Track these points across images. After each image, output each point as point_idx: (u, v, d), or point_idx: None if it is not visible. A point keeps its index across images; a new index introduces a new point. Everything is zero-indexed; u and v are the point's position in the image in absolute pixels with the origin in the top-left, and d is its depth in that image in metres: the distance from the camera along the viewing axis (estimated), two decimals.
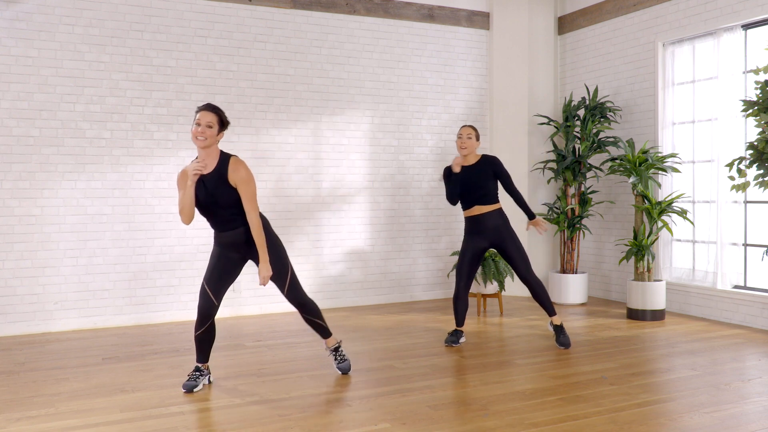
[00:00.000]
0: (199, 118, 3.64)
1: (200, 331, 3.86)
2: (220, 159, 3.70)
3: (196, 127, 3.63)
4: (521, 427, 3.19)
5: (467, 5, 7.18)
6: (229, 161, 3.69)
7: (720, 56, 5.75)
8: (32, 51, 5.50)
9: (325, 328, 4.10)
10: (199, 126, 3.62)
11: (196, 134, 3.62)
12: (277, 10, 6.33)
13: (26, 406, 3.60)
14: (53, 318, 5.58)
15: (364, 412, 3.43)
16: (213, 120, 3.64)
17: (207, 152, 3.68)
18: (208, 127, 3.62)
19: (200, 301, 3.82)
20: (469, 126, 4.79)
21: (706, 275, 5.94)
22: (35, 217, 5.52)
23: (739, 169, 4.75)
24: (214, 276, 3.82)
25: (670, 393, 3.72)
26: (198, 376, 3.89)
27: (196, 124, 3.63)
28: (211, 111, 3.65)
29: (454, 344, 4.86)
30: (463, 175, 4.78)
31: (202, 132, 3.61)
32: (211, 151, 3.68)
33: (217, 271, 3.82)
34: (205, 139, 3.62)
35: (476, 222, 4.79)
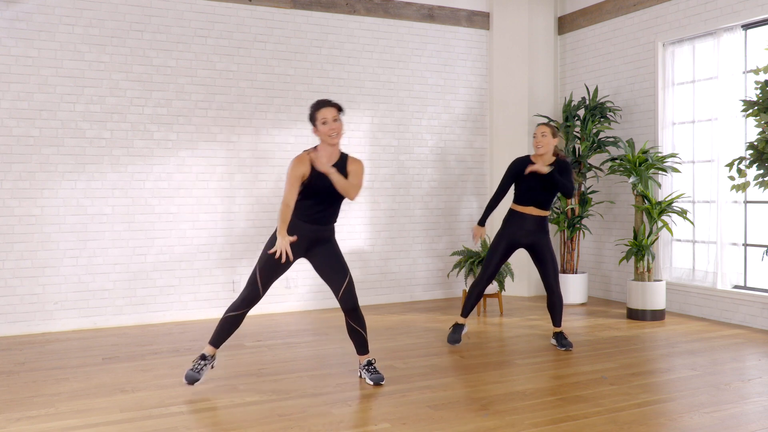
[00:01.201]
0: (324, 116, 3.66)
1: (233, 313, 3.81)
2: (340, 154, 3.81)
3: (324, 126, 3.65)
4: (521, 427, 3.19)
5: (467, 5, 7.18)
6: (347, 157, 3.82)
7: (720, 56, 5.75)
8: (32, 51, 5.50)
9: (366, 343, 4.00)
10: (326, 124, 3.66)
11: (327, 132, 3.66)
12: (277, 10, 6.33)
13: (26, 406, 3.60)
14: (53, 318, 5.58)
15: (364, 412, 3.43)
16: (336, 113, 3.70)
17: (333, 149, 3.76)
18: (335, 121, 3.67)
19: (247, 287, 3.80)
20: (545, 124, 4.71)
21: (706, 275, 5.94)
22: (35, 217, 5.52)
23: (739, 169, 4.75)
24: (270, 266, 3.78)
25: (670, 393, 3.72)
26: (203, 366, 3.87)
27: (322, 123, 3.66)
28: (331, 106, 3.69)
29: (457, 343, 4.84)
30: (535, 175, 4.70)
31: (333, 128, 3.67)
32: (336, 148, 3.77)
33: (275, 262, 3.78)
34: (338, 134, 3.68)
35: (524, 220, 4.75)
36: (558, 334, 4.82)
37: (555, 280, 4.76)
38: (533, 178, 4.70)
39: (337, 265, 3.85)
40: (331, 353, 4.71)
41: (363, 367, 3.99)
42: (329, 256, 3.85)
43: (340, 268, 3.85)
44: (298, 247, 3.83)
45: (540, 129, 4.70)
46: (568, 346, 4.73)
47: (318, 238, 3.84)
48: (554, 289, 4.77)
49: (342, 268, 3.85)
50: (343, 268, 3.86)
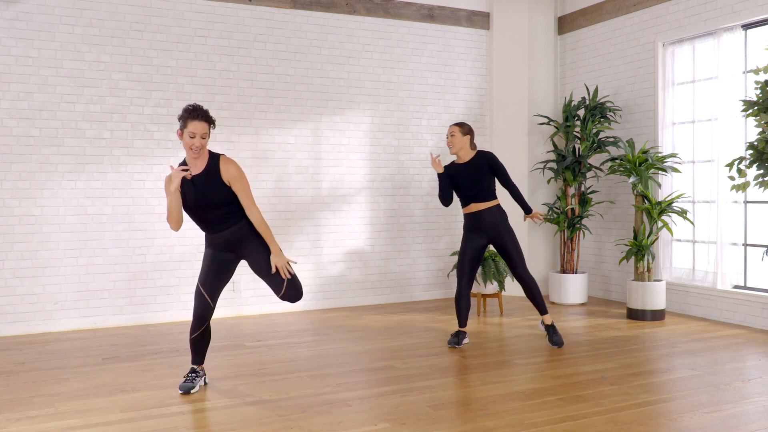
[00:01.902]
0: (192, 130, 3.52)
1: (196, 334, 3.82)
2: (209, 159, 3.65)
3: (189, 140, 3.52)
4: (521, 427, 3.20)
5: (467, 5, 7.18)
6: (219, 159, 3.64)
7: (720, 56, 5.75)
8: (32, 51, 5.50)
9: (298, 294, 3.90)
10: (193, 138, 3.53)
11: (190, 147, 3.53)
12: (277, 10, 6.33)
13: (26, 406, 3.60)
14: (53, 318, 5.58)
15: (364, 412, 3.43)
16: (206, 130, 3.57)
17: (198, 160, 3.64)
18: (203, 138, 3.56)
19: (196, 303, 3.78)
20: (454, 124, 4.79)
21: (706, 275, 5.94)
22: (35, 217, 5.52)
23: (739, 169, 4.75)
24: (208, 278, 3.77)
25: (670, 393, 3.72)
26: (194, 377, 3.85)
27: (189, 136, 3.52)
28: (204, 120, 3.56)
29: (456, 346, 4.85)
30: (458, 172, 4.79)
31: (198, 146, 3.54)
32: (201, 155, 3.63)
33: (211, 273, 3.78)
34: (200, 150, 3.56)
35: (474, 219, 4.79)
36: (548, 327, 4.82)
37: (522, 267, 4.76)
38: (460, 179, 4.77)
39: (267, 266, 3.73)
40: (331, 353, 4.71)
41: None
42: (259, 258, 3.74)
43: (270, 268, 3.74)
44: (223, 254, 3.79)
45: (450, 129, 4.79)
46: (558, 344, 4.74)
47: (229, 242, 3.75)
48: (523, 276, 4.76)
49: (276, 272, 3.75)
50: None
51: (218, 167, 3.63)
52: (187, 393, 3.79)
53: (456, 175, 4.81)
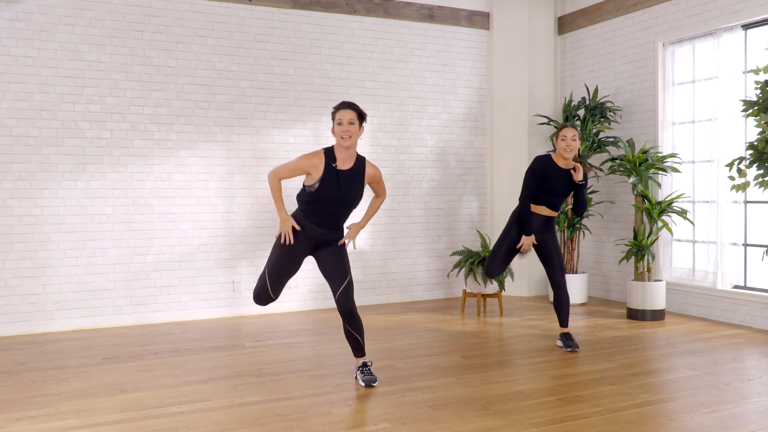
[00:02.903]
0: (340, 117, 3.64)
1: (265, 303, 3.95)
2: (357, 158, 3.78)
3: (339, 127, 3.63)
4: (521, 427, 3.19)
5: (467, 5, 7.18)
6: (365, 161, 3.81)
7: (720, 56, 5.75)
8: (32, 51, 5.50)
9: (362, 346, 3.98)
10: (341, 125, 3.63)
11: (341, 134, 3.63)
12: (277, 10, 6.33)
13: (26, 406, 3.60)
14: (53, 318, 5.58)
15: (364, 412, 3.43)
16: (354, 117, 3.66)
17: (349, 152, 3.71)
18: (351, 124, 3.64)
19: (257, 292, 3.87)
20: (574, 127, 4.59)
21: (706, 275, 5.94)
22: (35, 217, 5.52)
23: (739, 169, 4.75)
24: (278, 268, 3.81)
25: (670, 393, 3.72)
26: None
27: (337, 123, 3.64)
28: (351, 108, 3.66)
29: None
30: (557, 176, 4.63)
31: (347, 130, 3.63)
32: (352, 150, 3.72)
33: (284, 264, 3.81)
34: (351, 137, 3.64)
35: (533, 218, 4.75)
36: (564, 335, 4.79)
37: (561, 278, 4.75)
38: (558, 181, 4.64)
39: (340, 265, 3.84)
40: (331, 353, 4.71)
41: (358, 369, 4.00)
42: (333, 256, 3.86)
43: (342, 268, 3.84)
44: (305, 247, 3.84)
45: (570, 132, 4.56)
46: (573, 347, 4.69)
47: (326, 240, 3.86)
48: (561, 286, 4.75)
49: (344, 269, 3.85)
50: (345, 268, 3.86)
51: (365, 167, 3.79)
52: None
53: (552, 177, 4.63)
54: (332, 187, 3.69)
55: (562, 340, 4.77)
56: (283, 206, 3.78)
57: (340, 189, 3.71)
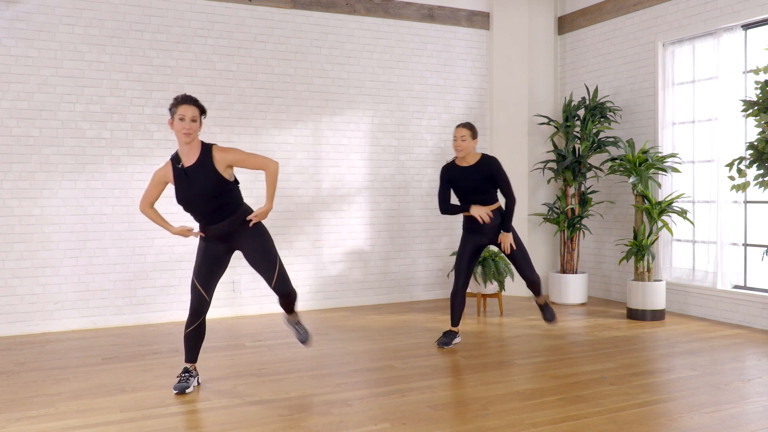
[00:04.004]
0: (182, 113, 3.52)
1: (191, 329, 3.79)
2: (201, 149, 3.62)
3: (180, 123, 3.52)
4: (521, 427, 3.19)
5: (467, 5, 7.18)
6: (212, 148, 3.63)
7: (720, 56, 5.75)
8: (32, 51, 5.50)
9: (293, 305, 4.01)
10: (183, 121, 3.52)
11: (181, 130, 3.52)
12: (277, 10, 6.33)
13: (26, 406, 3.60)
14: (53, 318, 5.58)
15: (364, 412, 3.43)
16: (196, 113, 3.57)
17: (190, 147, 3.61)
18: (193, 121, 3.55)
19: (192, 297, 3.78)
20: (463, 126, 4.63)
21: (706, 275, 5.94)
22: (35, 217, 5.52)
23: (739, 169, 4.75)
24: (202, 271, 3.76)
25: (670, 393, 3.72)
26: (188, 377, 3.83)
27: (179, 119, 3.52)
28: (192, 104, 3.56)
29: (446, 346, 4.84)
30: (461, 176, 4.70)
31: (189, 127, 3.53)
32: (194, 145, 3.62)
33: (205, 266, 3.77)
34: (191, 134, 3.55)
35: (475, 221, 4.75)
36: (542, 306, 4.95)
37: (529, 269, 4.75)
38: (467, 181, 4.67)
39: (264, 254, 3.75)
40: (331, 353, 4.71)
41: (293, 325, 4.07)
42: (252, 246, 3.76)
43: (266, 257, 3.75)
44: (217, 245, 3.79)
45: (459, 132, 4.61)
46: (550, 320, 4.88)
47: (228, 233, 3.74)
48: (529, 276, 4.77)
49: (269, 257, 3.75)
50: (270, 256, 3.76)
51: (211, 155, 3.61)
52: (182, 393, 3.77)
53: (458, 179, 4.72)
54: (185, 186, 3.61)
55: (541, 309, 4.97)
56: (167, 224, 3.74)
57: (192, 185, 3.60)
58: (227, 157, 3.61)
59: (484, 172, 4.65)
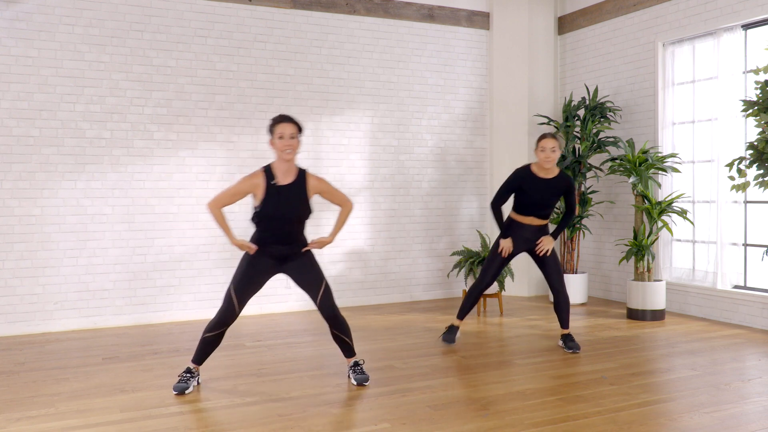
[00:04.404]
0: (281, 131, 3.64)
1: (211, 335, 3.79)
2: (298, 172, 3.77)
3: (280, 141, 3.64)
4: (521, 427, 3.20)
5: (467, 5, 7.18)
6: (306, 174, 3.78)
7: (720, 56, 5.75)
8: (32, 51, 5.50)
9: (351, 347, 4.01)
10: (283, 139, 3.64)
11: (282, 148, 3.64)
12: (277, 10, 6.33)
13: (26, 406, 3.60)
14: (53, 318, 5.58)
15: (364, 412, 3.43)
16: (295, 131, 3.68)
17: (289, 166, 3.72)
18: (292, 138, 3.66)
19: (223, 306, 3.77)
20: (552, 137, 4.51)
21: (706, 275, 5.94)
22: (35, 217, 5.52)
23: (739, 169, 4.75)
24: (243, 284, 3.76)
25: (670, 393, 3.72)
26: (188, 378, 3.83)
27: (278, 137, 3.64)
28: (290, 122, 3.67)
29: (450, 343, 4.84)
30: (537, 187, 4.60)
31: (289, 144, 3.64)
32: (291, 164, 3.74)
33: (248, 279, 3.77)
34: (293, 151, 3.66)
35: (523, 229, 4.74)
36: (565, 336, 4.78)
37: (559, 281, 4.74)
38: (541, 193, 4.61)
39: (312, 274, 3.84)
40: (331, 353, 4.71)
41: (350, 368, 4.01)
42: (303, 270, 3.85)
43: (314, 276, 3.85)
44: (269, 265, 3.82)
45: (550, 143, 4.50)
46: (575, 349, 4.66)
47: (287, 255, 3.83)
48: (559, 290, 4.74)
49: (317, 276, 3.85)
50: (318, 275, 3.86)
51: (306, 180, 3.76)
52: (182, 393, 3.76)
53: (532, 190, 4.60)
54: (275, 204, 3.67)
55: (563, 341, 4.77)
56: (231, 232, 3.76)
57: (281, 205, 3.68)
58: (319, 186, 3.81)
59: (560, 188, 4.63)
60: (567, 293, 4.78)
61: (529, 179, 4.61)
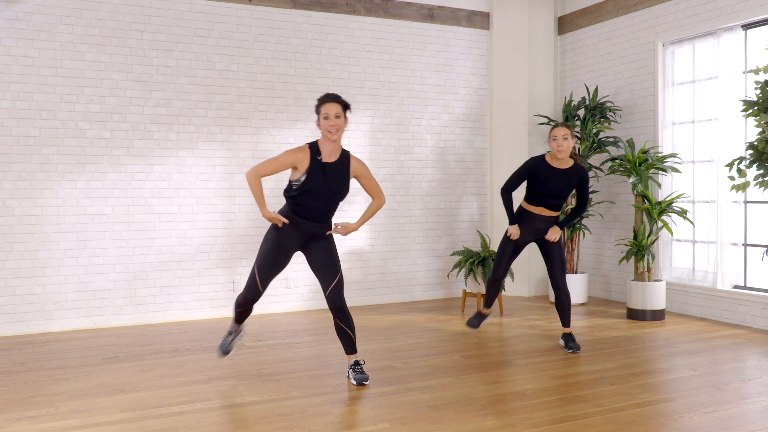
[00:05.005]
0: (326, 112, 3.65)
1: (240, 310, 3.98)
2: (342, 152, 3.79)
3: (325, 121, 3.64)
4: (521, 427, 3.19)
5: (467, 5, 7.18)
6: (350, 155, 3.81)
7: (720, 56, 5.75)
8: (32, 51, 5.50)
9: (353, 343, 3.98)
10: (328, 119, 3.64)
11: (327, 128, 3.64)
12: (277, 10, 6.33)
13: (26, 406, 3.60)
14: (53, 318, 5.58)
15: (364, 412, 3.43)
16: (340, 110, 3.67)
17: (335, 145, 3.73)
18: (337, 118, 3.66)
19: (248, 284, 3.85)
20: (564, 126, 4.49)
21: (706, 275, 5.94)
22: (35, 217, 5.52)
23: (739, 169, 4.75)
24: (268, 262, 3.80)
25: (670, 393, 3.72)
26: (232, 339, 4.07)
27: (324, 117, 3.65)
28: (335, 101, 3.67)
29: (474, 327, 4.96)
30: (551, 176, 4.57)
31: (334, 124, 3.65)
32: (337, 144, 3.74)
33: (273, 258, 3.80)
34: (338, 130, 3.66)
35: (533, 219, 4.74)
36: (566, 336, 4.77)
37: (562, 277, 4.74)
38: (554, 183, 4.59)
39: (330, 261, 3.84)
40: (331, 353, 4.71)
41: (350, 367, 4.00)
42: (324, 252, 3.85)
43: (332, 265, 3.84)
44: (295, 241, 3.83)
45: (561, 131, 4.47)
46: (575, 349, 4.65)
47: (315, 234, 3.85)
48: (560, 286, 4.73)
49: (334, 265, 3.86)
50: (336, 265, 3.86)
51: (349, 161, 3.79)
52: (226, 354, 4.10)
53: (546, 179, 4.58)
54: (318, 180, 3.69)
55: (564, 340, 4.76)
56: (265, 204, 3.82)
57: (326, 181, 3.71)
58: (359, 169, 3.84)
59: (574, 179, 4.61)
60: (568, 291, 4.77)
61: (543, 168, 4.58)
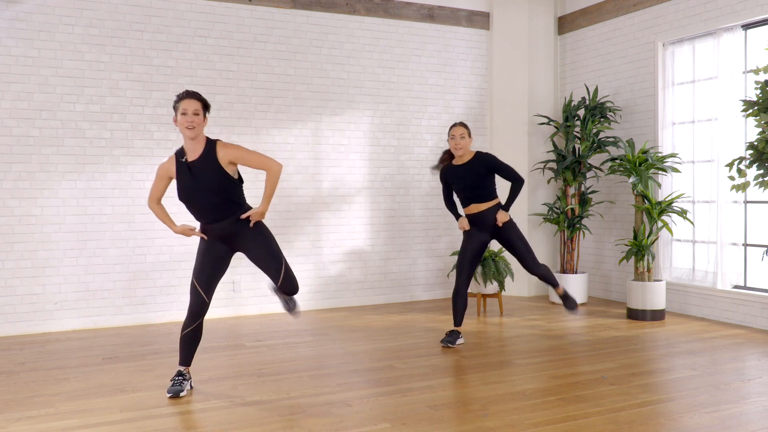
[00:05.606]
0: (184, 108, 3.56)
1: (188, 330, 3.75)
2: (206, 143, 3.64)
3: (183, 117, 3.55)
4: (521, 427, 3.19)
5: (467, 5, 7.18)
6: (216, 143, 3.64)
7: (720, 56, 5.75)
8: (32, 51, 5.50)
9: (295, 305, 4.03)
10: (186, 115, 3.55)
11: (184, 124, 3.55)
12: (277, 10, 6.33)
13: (26, 406, 3.60)
14: (53, 318, 5.58)
15: (364, 412, 3.43)
16: (198, 107, 3.59)
17: (195, 142, 3.61)
18: (195, 115, 3.57)
19: (191, 298, 3.74)
20: (461, 125, 4.70)
21: (706, 275, 5.94)
22: (35, 217, 5.52)
23: (739, 169, 4.75)
24: (203, 272, 3.73)
25: (670, 393, 3.72)
26: (181, 381, 3.78)
27: (182, 114, 3.55)
28: (194, 98, 3.59)
29: (450, 345, 4.84)
30: (455, 175, 4.74)
31: (192, 121, 3.55)
32: (199, 140, 3.62)
33: (206, 267, 3.73)
34: (195, 128, 3.56)
35: (476, 219, 4.78)
36: (562, 296, 4.92)
37: (533, 260, 4.74)
38: (461, 179, 4.71)
39: (267, 253, 3.72)
40: (331, 353, 4.71)
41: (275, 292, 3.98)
42: (256, 245, 3.72)
43: (270, 256, 3.72)
44: (218, 246, 3.76)
45: (459, 130, 4.67)
46: (572, 307, 4.84)
47: (229, 233, 3.72)
48: (534, 269, 4.75)
49: (273, 256, 3.73)
50: (274, 255, 3.73)
51: (215, 150, 3.62)
52: (176, 397, 3.72)
53: (453, 179, 4.77)
54: (187, 181, 3.62)
55: (562, 301, 4.92)
56: (171, 222, 3.76)
57: (195, 180, 3.60)
58: (230, 153, 3.61)
59: (479, 166, 4.67)
60: (541, 265, 4.78)
61: (450, 170, 4.79)
